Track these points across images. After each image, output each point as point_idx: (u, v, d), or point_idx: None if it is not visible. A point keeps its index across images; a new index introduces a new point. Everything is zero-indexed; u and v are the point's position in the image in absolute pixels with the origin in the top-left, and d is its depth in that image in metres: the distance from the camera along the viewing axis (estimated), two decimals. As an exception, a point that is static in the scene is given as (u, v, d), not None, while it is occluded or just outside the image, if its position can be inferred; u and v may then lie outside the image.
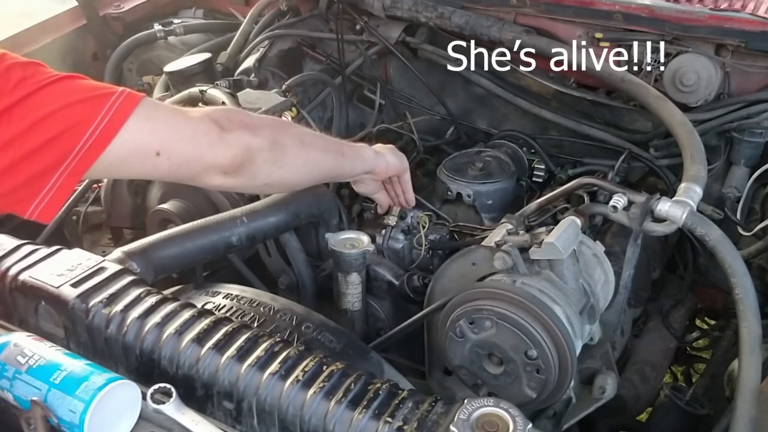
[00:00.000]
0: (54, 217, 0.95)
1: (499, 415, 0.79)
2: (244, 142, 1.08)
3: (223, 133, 1.06)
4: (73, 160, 0.91)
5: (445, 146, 1.92)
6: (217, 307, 1.24)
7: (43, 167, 0.91)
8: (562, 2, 1.71)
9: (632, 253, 1.17)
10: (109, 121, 0.93)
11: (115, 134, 0.93)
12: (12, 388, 0.83)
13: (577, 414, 1.20)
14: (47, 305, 0.99)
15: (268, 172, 1.13)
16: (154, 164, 1.00)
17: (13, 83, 0.89)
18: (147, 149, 0.99)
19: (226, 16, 2.33)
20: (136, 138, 0.96)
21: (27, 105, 0.89)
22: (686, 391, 1.47)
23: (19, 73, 0.90)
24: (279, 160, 1.14)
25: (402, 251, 1.46)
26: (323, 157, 1.24)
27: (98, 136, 0.92)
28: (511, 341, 1.06)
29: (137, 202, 1.69)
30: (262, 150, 1.10)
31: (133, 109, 0.95)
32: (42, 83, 0.90)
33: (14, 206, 0.93)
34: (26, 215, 0.93)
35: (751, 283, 1.04)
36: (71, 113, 0.91)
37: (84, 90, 0.94)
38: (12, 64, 0.90)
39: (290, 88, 1.75)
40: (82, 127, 0.91)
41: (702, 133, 1.46)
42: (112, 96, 0.94)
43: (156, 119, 1.00)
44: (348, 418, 0.82)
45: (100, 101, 0.93)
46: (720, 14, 1.56)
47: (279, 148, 1.13)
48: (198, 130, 1.04)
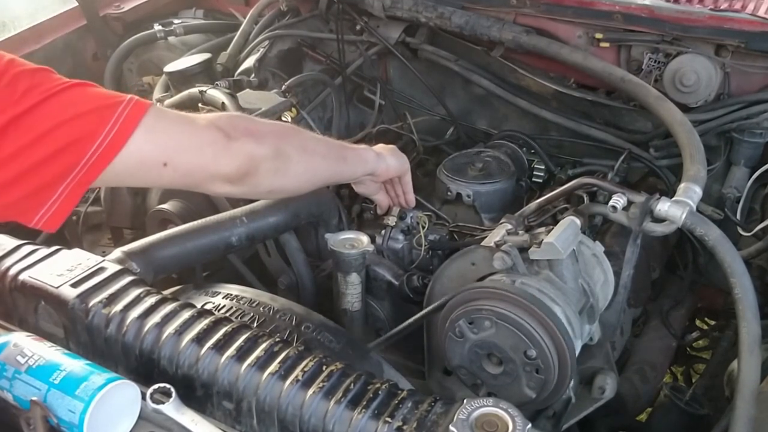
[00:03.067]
0: (59, 227, 0.95)
1: (499, 415, 0.79)
2: (248, 151, 1.08)
3: (229, 142, 1.06)
4: (80, 171, 0.92)
5: (445, 146, 1.92)
6: (216, 307, 1.24)
7: (50, 178, 0.91)
8: (562, 2, 1.71)
9: (632, 253, 1.17)
10: (117, 133, 0.93)
11: (123, 146, 0.94)
12: (12, 388, 0.83)
13: (577, 414, 1.19)
14: (47, 305, 0.99)
15: (270, 180, 1.14)
16: (159, 174, 1.01)
17: (20, 93, 0.88)
18: (153, 160, 0.99)
19: (226, 17, 2.33)
20: (142, 149, 0.96)
21: (34, 115, 0.89)
22: (686, 391, 1.47)
23: (26, 82, 0.89)
24: (282, 168, 1.14)
25: (401, 251, 1.46)
26: (325, 163, 1.24)
27: (105, 147, 0.92)
28: (511, 341, 1.06)
29: (137, 203, 1.69)
30: (266, 159, 1.11)
31: (140, 120, 0.95)
32: (50, 92, 0.90)
33: (20, 216, 0.93)
34: (31, 224, 0.93)
35: (751, 283, 1.04)
36: (79, 124, 0.91)
37: (92, 100, 0.94)
38: (19, 72, 0.90)
39: (290, 89, 1.75)
40: (90, 138, 0.91)
41: (702, 133, 1.46)
42: (120, 106, 0.94)
43: (162, 130, 1.00)
44: (347, 417, 0.82)
45: (107, 112, 0.93)
46: (720, 15, 1.56)
47: (282, 156, 1.14)
48: (204, 140, 1.04)
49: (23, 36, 2.06)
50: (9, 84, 0.88)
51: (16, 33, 2.08)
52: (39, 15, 2.14)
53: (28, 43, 2.04)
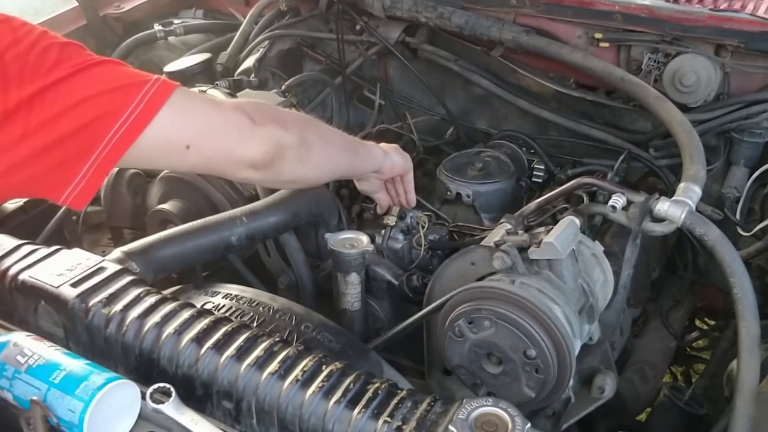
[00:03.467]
0: (86, 205, 0.95)
1: (498, 415, 0.79)
2: (275, 137, 1.08)
3: (255, 126, 1.05)
4: (105, 148, 0.91)
5: (445, 146, 1.92)
6: (216, 307, 1.24)
7: (74, 153, 0.90)
8: (561, 2, 1.71)
9: (631, 253, 1.17)
10: (142, 111, 0.92)
11: (148, 123, 0.93)
12: (11, 388, 0.83)
13: (576, 414, 1.19)
14: (47, 305, 0.99)
15: (294, 168, 1.14)
16: (182, 157, 1.00)
17: (48, 65, 0.88)
18: (177, 142, 0.99)
19: (226, 17, 2.33)
20: (167, 129, 0.96)
21: (61, 89, 0.88)
22: (685, 391, 1.48)
23: (55, 55, 0.89)
24: (306, 157, 1.15)
25: (401, 251, 1.46)
26: (343, 155, 1.25)
27: (131, 124, 0.92)
28: (510, 341, 1.06)
29: (137, 202, 1.69)
30: (292, 147, 1.11)
31: (165, 100, 0.95)
32: (77, 67, 0.90)
33: (48, 192, 0.93)
34: (60, 201, 0.93)
35: (750, 283, 1.04)
36: (105, 101, 0.91)
37: (119, 77, 0.93)
38: (50, 44, 0.90)
39: (290, 89, 1.75)
40: (116, 115, 0.91)
41: (701, 133, 1.46)
42: (146, 84, 0.94)
43: (189, 111, 1.00)
44: (347, 417, 0.83)
45: (133, 89, 0.93)
46: (719, 14, 1.56)
47: (306, 145, 1.14)
48: (230, 122, 1.04)
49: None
50: (39, 55, 0.88)
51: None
52: (40, 14, 2.13)
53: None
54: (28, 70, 0.87)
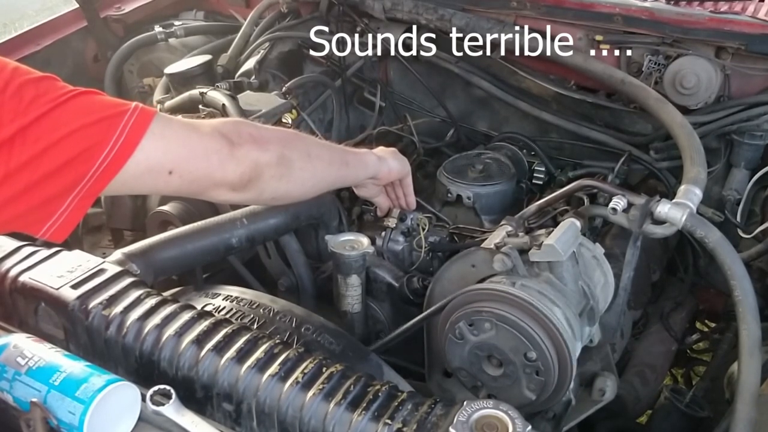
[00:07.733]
0: (66, 237, 0.94)
1: (499, 417, 0.79)
2: (252, 158, 1.08)
3: (233, 149, 1.06)
4: (88, 182, 0.91)
5: (446, 148, 1.92)
6: (216, 309, 1.24)
7: (57, 190, 0.90)
8: (562, 4, 1.71)
9: (632, 255, 1.17)
10: (124, 143, 0.92)
11: (131, 154, 0.93)
12: (12, 390, 0.83)
13: (577, 416, 1.19)
14: (47, 307, 0.99)
15: (274, 187, 1.14)
16: (165, 182, 1.01)
17: (26, 102, 0.88)
18: (160, 168, 0.99)
19: (227, 18, 2.34)
20: (150, 158, 0.96)
21: (41, 126, 0.88)
22: (686, 393, 1.47)
23: (32, 92, 0.89)
24: (286, 175, 1.14)
25: (402, 253, 1.46)
26: (329, 169, 1.25)
27: (113, 158, 0.92)
28: (511, 343, 1.06)
29: (137, 204, 1.69)
30: (270, 166, 1.11)
31: (146, 128, 0.95)
32: (56, 102, 0.89)
33: (27, 227, 0.92)
34: (38, 235, 0.92)
35: (751, 286, 1.04)
36: (87, 134, 0.90)
37: (98, 109, 0.93)
38: (25, 81, 0.89)
39: (290, 90, 1.75)
40: (97, 149, 0.91)
41: (702, 135, 1.46)
42: (126, 114, 0.94)
43: (169, 138, 1.00)
44: (347, 419, 0.82)
45: (115, 121, 0.93)
46: (720, 17, 1.56)
47: (286, 163, 1.14)
48: (209, 147, 1.04)
49: (24, 37, 2.06)
50: (15, 94, 0.87)
51: (17, 34, 2.08)
52: (43, 15, 2.14)
53: (29, 44, 2.05)
54: (7, 110, 0.86)
